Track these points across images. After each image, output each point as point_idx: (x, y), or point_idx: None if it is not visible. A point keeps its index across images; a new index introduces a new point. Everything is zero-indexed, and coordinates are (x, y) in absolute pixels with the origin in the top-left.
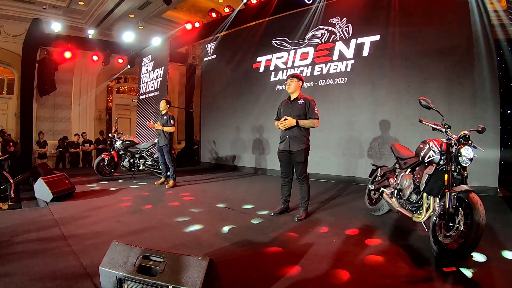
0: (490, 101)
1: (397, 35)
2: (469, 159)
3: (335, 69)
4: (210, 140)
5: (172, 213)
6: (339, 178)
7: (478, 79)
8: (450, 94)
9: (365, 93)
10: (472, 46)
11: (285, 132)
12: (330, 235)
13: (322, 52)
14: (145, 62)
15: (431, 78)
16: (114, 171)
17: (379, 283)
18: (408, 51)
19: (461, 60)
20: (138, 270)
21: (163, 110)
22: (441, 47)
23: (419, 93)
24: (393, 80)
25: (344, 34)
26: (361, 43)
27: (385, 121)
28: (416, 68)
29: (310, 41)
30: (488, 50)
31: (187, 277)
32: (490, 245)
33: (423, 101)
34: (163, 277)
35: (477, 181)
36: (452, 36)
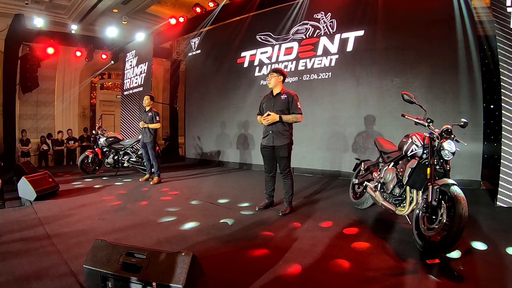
0: (473, 96)
1: (381, 30)
2: (452, 153)
3: (319, 64)
4: (194, 136)
5: (157, 209)
6: (324, 172)
7: (461, 75)
8: (433, 89)
9: (349, 88)
10: (455, 42)
11: (268, 127)
12: (314, 229)
13: (306, 47)
14: (128, 57)
15: (414, 73)
16: (99, 169)
17: (362, 276)
18: (392, 47)
19: (444, 56)
20: (122, 267)
21: (147, 106)
22: (425, 43)
23: (402, 88)
24: (377, 75)
25: (328, 29)
26: (346, 38)
27: (369, 115)
28: (400, 64)
29: (294, 36)
30: (471, 46)
31: (171, 274)
32: (474, 237)
33: (406, 95)
34: (147, 274)
35: (460, 175)
36: (435, 32)
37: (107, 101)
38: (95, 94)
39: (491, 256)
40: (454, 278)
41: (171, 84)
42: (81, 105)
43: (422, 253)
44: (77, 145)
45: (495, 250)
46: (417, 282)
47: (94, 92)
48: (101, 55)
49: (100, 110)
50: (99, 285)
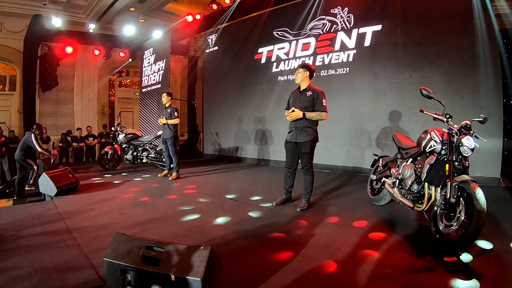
0: (493, 91)
1: (399, 24)
2: (471, 149)
3: (337, 59)
4: (212, 132)
5: (175, 204)
6: (344, 168)
7: (480, 69)
8: (452, 84)
9: (367, 83)
10: (474, 36)
11: (292, 123)
12: (332, 225)
13: (323, 43)
14: (146, 55)
15: (433, 68)
16: (118, 165)
17: (379, 272)
18: (410, 41)
19: (463, 49)
20: (141, 260)
21: (166, 103)
22: (443, 36)
23: (421, 83)
24: (395, 70)
25: (345, 24)
26: (363, 33)
27: (388, 111)
28: (418, 58)
29: (311, 31)
30: (492, 40)
31: (189, 266)
32: (493, 235)
33: (424, 91)
34: (165, 266)
35: (480, 172)
36: (454, 25)
37: (125, 98)
38: (113, 91)
39: (510, 254)
40: (471, 276)
41: (188, 81)
42: (100, 103)
43: (440, 250)
44: (96, 141)
45: None
46: (434, 280)
47: (113, 90)
48: (119, 53)
49: (118, 107)
50: (119, 277)
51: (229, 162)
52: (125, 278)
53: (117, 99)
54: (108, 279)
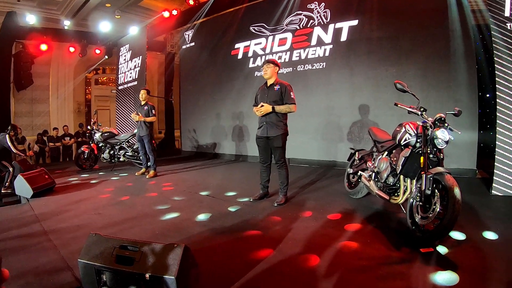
0: (468, 85)
1: (375, 19)
2: (445, 142)
3: (314, 54)
4: (190, 129)
5: (152, 203)
6: (320, 162)
7: (456, 64)
8: (428, 78)
9: (344, 78)
10: (450, 31)
11: (262, 118)
12: (309, 219)
13: (300, 38)
14: (122, 52)
15: (409, 62)
16: (95, 164)
17: (355, 265)
18: (386, 36)
19: (439, 44)
20: (116, 260)
21: (143, 100)
22: (419, 31)
23: (397, 78)
24: (371, 65)
25: (322, 19)
26: (339, 28)
27: (364, 105)
28: (394, 53)
29: (288, 26)
30: (467, 35)
31: (163, 265)
32: (468, 225)
33: (399, 84)
34: (140, 266)
35: (456, 163)
36: (430, 20)
37: (102, 96)
38: (89, 89)
39: (486, 244)
40: (448, 266)
41: (165, 78)
42: (76, 101)
43: (416, 242)
44: (73, 141)
45: (490, 238)
46: (411, 271)
47: (89, 88)
48: (95, 50)
49: (95, 105)
50: (94, 278)
51: (207, 159)
52: (100, 278)
53: (93, 97)
54: (84, 280)
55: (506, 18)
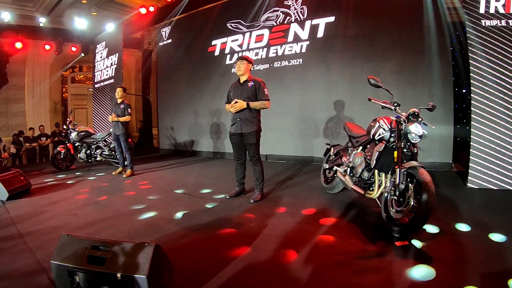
0: (444, 81)
1: (352, 16)
2: (418, 136)
3: (290, 50)
4: (168, 126)
5: (129, 202)
6: (296, 158)
7: (432, 60)
8: (404, 74)
9: (320, 74)
10: (425, 28)
11: (235, 115)
12: (285, 215)
13: (277, 34)
14: (99, 49)
15: (385, 58)
16: (71, 164)
17: (331, 260)
18: (363, 32)
19: (415, 41)
20: (87, 261)
21: (119, 99)
22: (395, 28)
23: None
24: (347, 61)
25: (299, 15)
26: (316, 25)
27: (340, 101)
28: (371, 49)
29: (265, 23)
30: (443, 32)
31: (135, 264)
32: (443, 218)
33: (372, 80)
34: (111, 266)
35: (432, 157)
36: (406, 17)
37: (78, 94)
38: (66, 88)
39: (461, 236)
40: (423, 259)
41: (143, 75)
42: (52, 100)
43: (391, 235)
44: (49, 141)
45: (467, 231)
46: (385, 265)
47: (65, 86)
48: (71, 47)
49: (72, 104)
50: (67, 279)
51: (185, 157)
52: (73, 280)
53: (70, 95)
54: (57, 282)
55: (481, 15)
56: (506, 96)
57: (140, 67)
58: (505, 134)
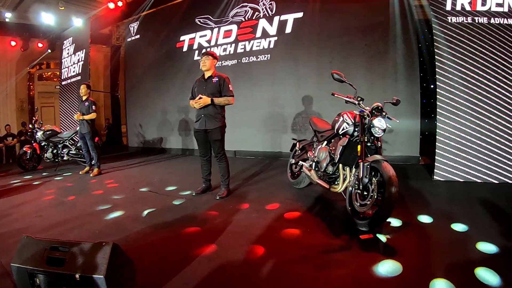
0: (410, 76)
1: (320, 12)
2: (382, 130)
3: (258, 46)
4: (136, 124)
5: (95, 202)
6: (265, 154)
7: (399, 56)
8: (372, 70)
9: (288, 69)
10: (393, 24)
11: (200, 111)
12: (250, 211)
13: (245, 30)
14: (66, 45)
15: (353, 54)
16: (38, 164)
17: (294, 254)
18: (331, 28)
19: (382, 36)
20: (46, 262)
21: (84, 96)
22: (363, 24)
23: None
24: (315, 56)
25: (267, 11)
26: (284, 20)
27: (308, 96)
28: (338, 45)
29: (233, 18)
30: (409, 29)
31: (93, 264)
32: (407, 211)
33: (336, 74)
34: (70, 266)
35: (400, 151)
36: (373, 13)
37: (46, 92)
38: (33, 85)
39: (424, 228)
40: (387, 252)
41: (111, 71)
42: (18, 98)
43: (356, 229)
44: (15, 141)
45: (432, 222)
46: (350, 258)
47: (32, 84)
48: (37, 43)
49: (39, 102)
50: (28, 282)
51: (154, 154)
52: (34, 282)
53: (37, 93)
54: (19, 285)
55: (447, 12)
56: (471, 90)
57: (108, 63)
58: (469, 127)
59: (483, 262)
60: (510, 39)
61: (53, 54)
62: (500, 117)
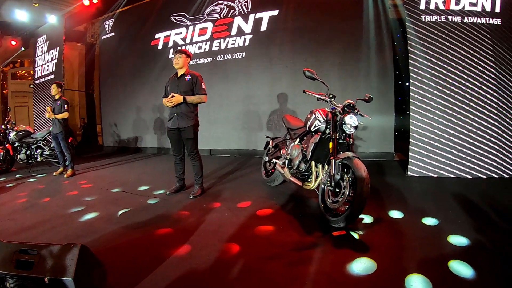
0: (384, 74)
1: (295, 10)
2: (354, 127)
3: (233, 44)
4: (111, 123)
5: (68, 203)
6: (240, 152)
7: (373, 54)
8: (346, 67)
9: (263, 67)
10: (367, 23)
11: (172, 109)
12: (223, 209)
13: (220, 27)
14: (39, 43)
15: (327, 52)
16: (12, 166)
17: (267, 252)
18: (306, 26)
19: (357, 35)
20: (16, 265)
21: (56, 95)
22: (338, 22)
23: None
24: (290, 54)
25: (243, 9)
26: (260, 18)
27: (283, 94)
28: (313, 43)
29: (209, 16)
30: (384, 27)
31: (62, 267)
32: (379, 207)
33: (308, 72)
34: (39, 269)
35: (375, 147)
36: (347, 12)
37: (20, 91)
38: (6, 84)
39: (399, 224)
40: (359, 248)
41: (86, 70)
42: None
43: (328, 226)
44: None
45: (404, 218)
46: (322, 255)
47: (5, 83)
48: (11, 41)
49: (12, 102)
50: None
51: (129, 154)
52: (4, 286)
53: (10, 93)
54: None
55: (421, 10)
56: (443, 88)
57: (83, 61)
58: (442, 124)
59: (456, 255)
60: (482, 38)
61: (27, 52)
62: (473, 113)
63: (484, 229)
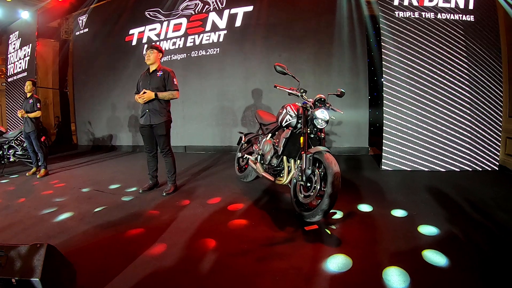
0: (358, 69)
1: (270, 6)
2: (325, 121)
3: (208, 40)
4: (85, 121)
5: (40, 204)
6: (215, 148)
7: (347, 50)
8: (320, 62)
9: (238, 63)
10: (341, 19)
11: (144, 105)
12: (196, 206)
13: (195, 23)
14: (12, 39)
15: (302, 47)
16: None
17: (236, 248)
18: (280, 22)
19: (331, 31)
20: None
21: (28, 93)
22: (312, 18)
23: (290, 62)
24: (264, 50)
25: (217, 4)
26: (234, 14)
27: (257, 89)
28: (288, 38)
29: (183, 12)
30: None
31: (29, 267)
32: (352, 200)
33: (278, 67)
34: (5, 271)
35: (349, 142)
36: (321, 8)
37: None
38: None
39: (372, 217)
40: (331, 242)
41: (59, 67)
42: None
43: (300, 221)
44: None
45: (376, 211)
46: (293, 250)
47: None
48: None
49: None
50: None
51: (104, 152)
52: None
53: None
54: None
55: (395, 7)
56: (416, 83)
57: (56, 58)
58: (415, 118)
59: (428, 245)
60: (456, 34)
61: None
62: (446, 108)
63: (456, 220)
